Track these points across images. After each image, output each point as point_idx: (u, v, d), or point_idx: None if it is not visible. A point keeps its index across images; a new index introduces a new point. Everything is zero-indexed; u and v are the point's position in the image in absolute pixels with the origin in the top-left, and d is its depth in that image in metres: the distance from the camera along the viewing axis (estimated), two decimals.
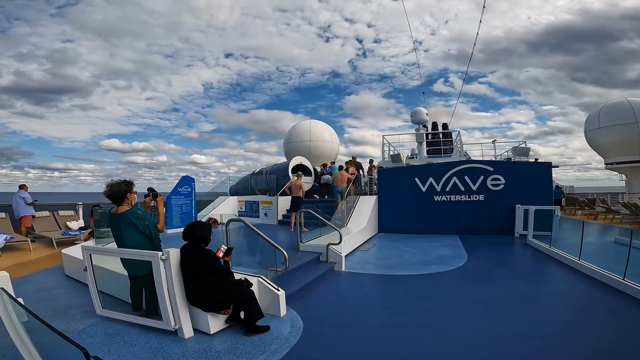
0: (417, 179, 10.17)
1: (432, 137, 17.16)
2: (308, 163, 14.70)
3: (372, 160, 14.19)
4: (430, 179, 10.02)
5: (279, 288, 3.83)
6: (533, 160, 12.37)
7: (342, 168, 11.12)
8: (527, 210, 8.61)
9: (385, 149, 15.46)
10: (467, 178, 9.70)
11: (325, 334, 3.34)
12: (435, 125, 19.14)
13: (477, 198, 9.64)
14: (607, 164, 18.23)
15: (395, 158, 14.52)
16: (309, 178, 13.92)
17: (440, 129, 18.59)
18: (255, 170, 15.50)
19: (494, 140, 15.57)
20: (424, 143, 16.58)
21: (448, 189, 9.88)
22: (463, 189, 9.75)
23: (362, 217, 9.35)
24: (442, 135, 17.11)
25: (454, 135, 16.31)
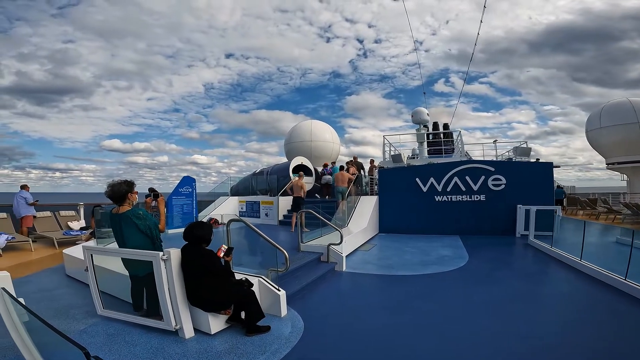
0: (418, 179, 10.16)
1: (433, 137, 17.16)
2: (309, 163, 14.71)
3: (372, 161, 14.17)
4: (431, 179, 10.01)
5: (280, 288, 3.83)
6: (534, 161, 12.35)
7: (343, 168, 11.12)
8: (528, 211, 8.59)
9: (386, 149, 15.46)
10: (468, 178, 9.69)
11: (326, 334, 3.34)
12: (436, 126, 19.15)
13: (478, 198, 9.63)
14: (608, 164, 18.20)
15: (396, 158, 14.51)
16: (310, 178, 13.92)
17: (441, 129, 18.60)
18: (256, 171, 15.52)
19: (495, 141, 15.56)
20: (425, 143, 16.58)
21: (449, 189, 9.86)
22: (464, 189, 9.73)
23: (362, 217, 9.35)
24: (443, 136, 17.12)
25: (455, 136, 16.34)
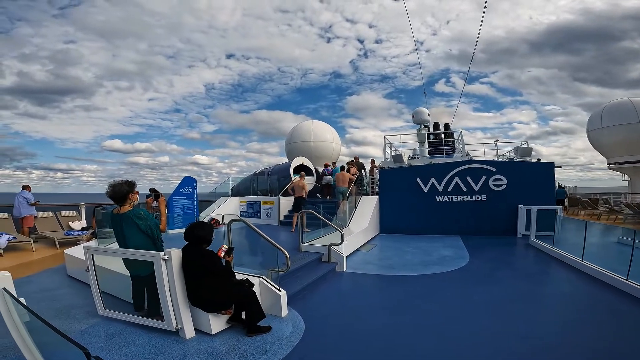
0: (418, 180, 10.15)
1: (433, 137, 17.13)
2: (310, 164, 14.71)
3: (373, 161, 14.16)
4: (432, 180, 10.01)
5: (281, 288, 3.83)
6: (535, 161, 12.33)
7: (344, 169, 11.12)
8: (529, 211, 8.57)
9: (387, 149, 15.44)
10: (469, 178, 9.68)
11: (327, 335, 3.34)
12: (437, 126, 19.11)
13: (479, 198, 9.62)
14: (609, 164, 18.17)
15: (397, 158, 14.50)
16: (311, 179, 13.92)
17: (442, 130, 18.56)
18: (257, 171, 15.53)
19: (496, 141, 15.51)
20: (426, 143, 16.54)
21: (450, 190, 9.85)
22: (465, 190, 9.72)
23: (363, 217, 9.35)
24: (443, 136, 17.09)
25: (456, 136, 16.31)
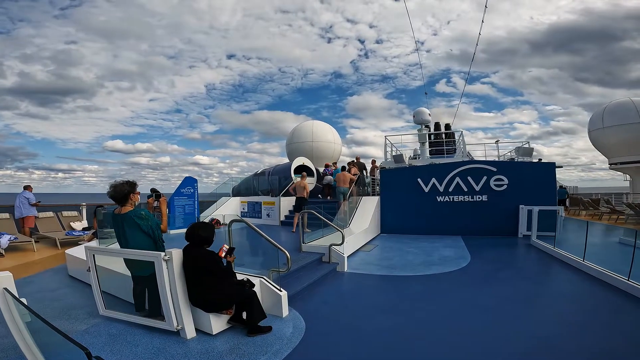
0: (419, 180, 10.14)
1: (434, 137, 17.11)
2: (310, 164, 14.70)
3: (374, 161, 14.15)
4: (433, 180, 9.99)
5: (281, 289, 3.83)
6: (537, 161, 12.31)
7: (344, 169, 11.11)
8: (530, 211, 8.55)
9: (388, 150, 15.43)
10: (470, 178, 9.66)
11: (328, 335, 3.33)
12: (438, 126, 19.10)
13: (480, 198, 9.60)
14: (611, 164, 18.11)
15: (398, 158, 14.48)
16: (312, 179, 13.92)
17: (443, 130, 18.54)
18: (258, 171, 15.53)
19: (497, 141, 15.51)
20: (427, 143, 16.51)
21: (451, 190, 9.84)
22: (466, 190, 9.70)
23: (364, 217, 9.34)
24: (444, 136, 17.07)
25: (457, 136, 16.27)
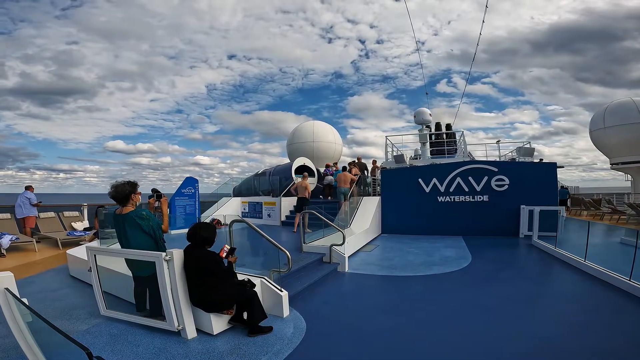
0: (420, 180, 10.13)
1: (435, 137, 17.09)
2: (311, 164, 14.71)
3: (375, 161, 14.15)
4: (434, 180, 9.99)
5: (282, 289, 3.83)
6: (538, 161, 12.29)
7: (345, 169, 11.10)
8: (532, 211, 8.55)
9: (389, 150, 15.42)
10: (471, 179, 9.65)
11: (328, 335, 3.33)
12: (439, 126, 19.08)
13: (481, 199, 9.59)
14: (612, 164, 18.07)
15: (399, 159, 14.47)
16: (313, 179, 13.92)
17: (444, 130, 18.53)
18: (259, 171, 15.54)
19: (498, 141, 15.47)
20: (428, 144, 16.50)
21: (452, 190, 9.83)
22: (467, 190, 9.69)
23: (365, 218, 9.33)
24: (445, 136, 17.06)
25: (458, 136, 16.23)
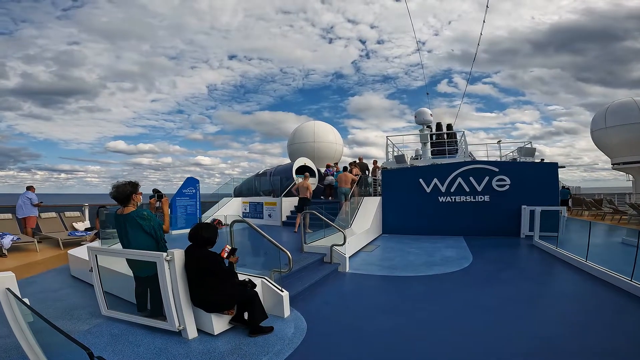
0: (421, 180, 10.13)
1: (436, 137, 17.07)
2: (312, 164, 14.71)
3: (376, 161, 14.15)
4: (435, 180, 9.98)
5: (283, 289, 3.83)
6: (539, 161, 12.26)
7: (346, 169, 11.11)
8: (533, 211, 8.54)
9: (389, 150, 15.40)
10: (472, 179, 9.64)
11: (329, 336, 3.33)
12: (440, 126, 19.04)
13: (482, 199, 9.58)
14: (614, 164, 18.03)
15: (400, 159, 14.45)
16: (313, 179, 13.93)
17: (445, 130, 18.50)
18: (260, 172, 15.56)
19: (499, 141, 15.44)
20: (428, 144, 16.49)
21: (453, 190, 9.82)
22: (468, 190, 9.68)
23: (366, 218, 9.33)
24: (446, 136, 17.03)
25: (459, 136, 16.20)
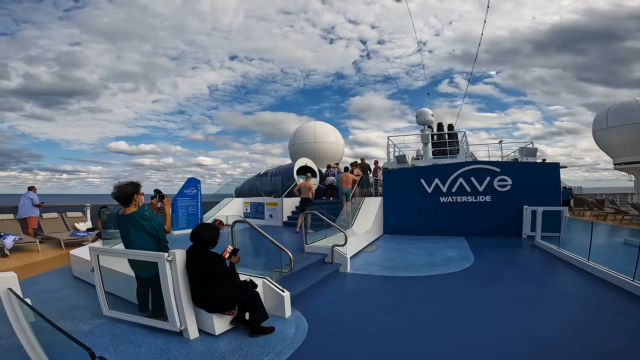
0: (422, 180, 10.12)
1: (437, 138, 17.05)
2: (313, 165, 14.72)
3: (377, 162, 14.14)
4: (436, 180, 9.97)
5: (284, 289, 3.83)
6: (540, 161, 12.24)
7: (347, 170, 11.11)
8: (534, 211, 8.51)
9: (391, 150, 15.39)
10: (473, 179, 9.62)
11: (330, 336, 3.33)
12: (441, 126, 19.00)
13: (483, 199, 9.56)
14: (615, 164, 17.98)
15: (401, 159, 14.44)
16: (314, 180, 13.93)
17: (446, 130, 18.48)
18: (261, 172, 15.57)
19: (501, 141, 15.38)
20: (430, 144, 16.44)
21: (454, 190, 9.80)
22: (469, 190, 9.67)
23: (367, 218, 9.32)
24: (447, 136, 17.01)
25: (460, 136, 16.18)
